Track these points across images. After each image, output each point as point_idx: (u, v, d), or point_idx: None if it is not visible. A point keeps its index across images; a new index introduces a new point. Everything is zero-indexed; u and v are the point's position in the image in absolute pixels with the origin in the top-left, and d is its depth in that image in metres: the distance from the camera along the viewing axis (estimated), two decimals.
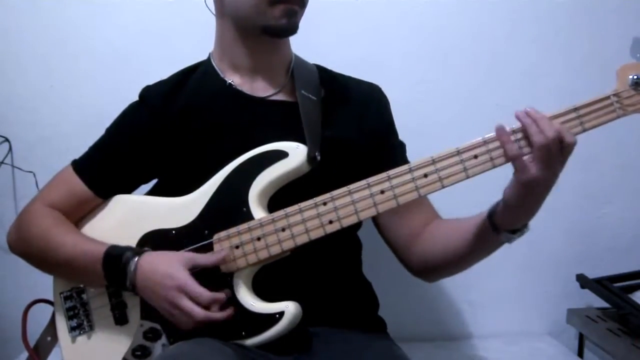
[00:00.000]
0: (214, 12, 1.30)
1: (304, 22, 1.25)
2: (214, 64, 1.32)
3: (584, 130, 1.03)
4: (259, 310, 1.12)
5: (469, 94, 1.80)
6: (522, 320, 1.89)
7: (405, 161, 1.25)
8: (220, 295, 1.11)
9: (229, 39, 1.28)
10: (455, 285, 1.85)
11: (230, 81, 1.29)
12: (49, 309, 1.36)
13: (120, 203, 1.31)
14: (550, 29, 1.79)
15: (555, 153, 1.01)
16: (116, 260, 1.16)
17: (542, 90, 1.78)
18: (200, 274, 1.14)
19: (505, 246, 1.78)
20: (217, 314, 1.09)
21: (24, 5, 1.73)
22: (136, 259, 1.15)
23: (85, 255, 1.20)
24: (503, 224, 1.10)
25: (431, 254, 1.26)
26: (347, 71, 1.41)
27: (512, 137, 1.03)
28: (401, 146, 1.37)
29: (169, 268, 1.12)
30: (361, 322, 1.30)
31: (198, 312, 1.08)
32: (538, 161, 1.01)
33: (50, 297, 1.34)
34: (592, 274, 1.75)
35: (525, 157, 1.02)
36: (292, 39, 1.30)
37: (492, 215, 1.12)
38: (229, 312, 1.11)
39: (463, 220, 1.20)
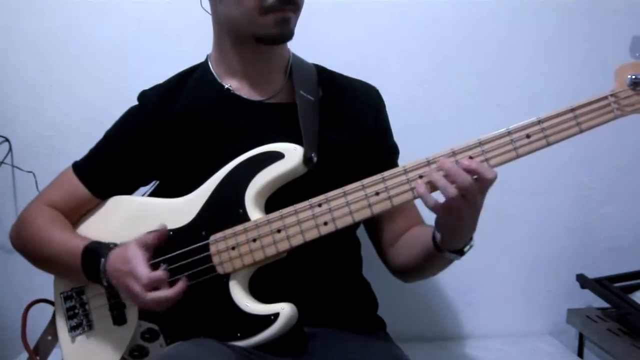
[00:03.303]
0: (210, 12, 1.29)
1: (303, 22, 1.24)
2: (211, 68, 1.32)
3: (581, 131, 1.01)
4: (254, 312, 1.12)
5: (469, 94, 1.79)
6: (522, 320, 1.89)
7: (395, 167, 1.26)
8: (158, 274, 1.10)
9: (226, 46, 1.28)
10: (455, 285, 1.85)
11: (227, 86, 1.29)
12: (48, 309, 1.36)
13: (119, 204, 1.31)
14: (550, 29, 1.78)
15: (471, 194, 1.01)
16: (93, 256, 1.19)
17: (542, 90, 1.78)
18: (195, 274, 1.15)
19: (506, 246, 1.81)
20: (162, 292, 1.09)
21: (24, 5, 1.74)
22: (108, 253, 1.17)
23: (69, 251, 1.22)
24: (443, 246, 1.11)
25: (400, 260, 1.29)
26: (346, 71, 1.40)
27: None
28: (394, 151, 1.37)
29: (125, 252, 1.13)
30: (360, 323, 1.30)
31: (144, 295, 1.08)
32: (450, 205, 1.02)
33: (50, 297, 1.35)
34: (592, 274, 1.75)
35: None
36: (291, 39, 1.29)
37: (433, 236, 1.13)
38: (176, 288, 1.10)
39: (424, 230, 1.21)
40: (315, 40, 1.53)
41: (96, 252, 1.19)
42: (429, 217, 1.32)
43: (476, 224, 1.08)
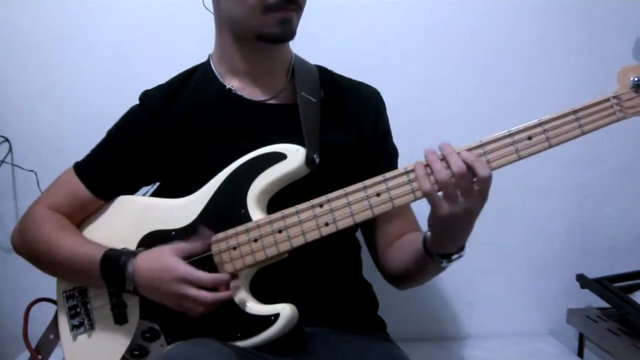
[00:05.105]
0: (212, 11, 1.30)
1: (304, 23, 1.24)
2: (213, 68, 1.32)
3: (583, 134, 1.01)
4: (254, 312, 1.12)
5: (469, 94, 1.79)
6: (522, 320, 1.89)
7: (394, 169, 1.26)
8: (222, 276, 1.12)
9: (228, 44, 1.28)
10: (455, 285, 1.85)
11: (229, 86, 1.29)
12: (49, 307, 1.36)
13: (122, 204, 1.31)
14: (550, 29, 1.78)
15: (465, 189, 1.00)
16: (113, 264, 1.18)
17: (542, 91, 1.78)
18: None
19: (506, 246, 1.81)
20: (224, 293, 1.10)
21: (24, 5, 1.74)
22: (132, 261, 1.16)
23: (82, 258, 1.22)
24: (434, 250, 1.10)
25: (395, 266, 1.28)
26: (346, 71, 1.40)
27: (429, 171, 1.02)
28: (393, 154, 1.37)
29: (164, 262, 1.13)
30: (361, 323, 1.30)
31: (205, 295, 1.09)
32: (446, 198, 1.00)
33: (51, 296, 1.35)
34: (592, 274, 1.75)
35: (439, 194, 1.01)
36: (293, 39, 1.29)
37: (424, 241, 1.12)
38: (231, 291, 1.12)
39: (417, 235, 1.20)
40: (316, 41, 1.52)
41: (117, 260, 1.18)
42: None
43: (469, 232, 1.07)
